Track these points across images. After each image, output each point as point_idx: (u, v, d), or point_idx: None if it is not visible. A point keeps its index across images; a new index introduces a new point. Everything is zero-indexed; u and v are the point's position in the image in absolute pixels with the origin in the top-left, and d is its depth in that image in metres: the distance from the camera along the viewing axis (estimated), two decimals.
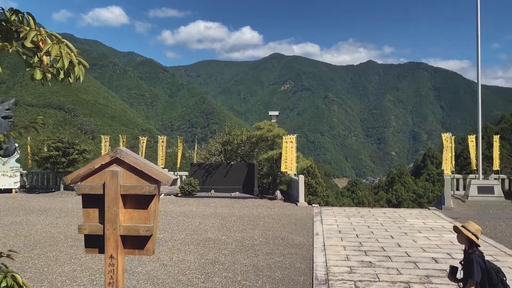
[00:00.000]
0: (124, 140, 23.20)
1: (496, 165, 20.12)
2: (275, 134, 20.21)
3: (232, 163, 20.57)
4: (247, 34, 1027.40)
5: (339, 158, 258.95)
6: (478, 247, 4.41)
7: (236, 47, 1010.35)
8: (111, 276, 3.16)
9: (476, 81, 19.54)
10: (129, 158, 3.21)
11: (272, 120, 21.85)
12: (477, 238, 4.39)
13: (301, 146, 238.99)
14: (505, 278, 4.34)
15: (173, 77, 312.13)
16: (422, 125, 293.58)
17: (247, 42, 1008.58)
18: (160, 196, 18.80)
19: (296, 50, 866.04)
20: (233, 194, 19.20)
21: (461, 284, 4.48)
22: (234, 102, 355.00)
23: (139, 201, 3.23)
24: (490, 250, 9.71)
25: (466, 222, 4.57)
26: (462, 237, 4.47)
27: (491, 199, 17.33)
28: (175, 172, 22.18)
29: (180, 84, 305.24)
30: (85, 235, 3.31)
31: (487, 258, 9.26)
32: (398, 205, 50.12)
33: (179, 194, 19.36)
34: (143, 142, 23.03)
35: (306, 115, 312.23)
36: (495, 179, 18.96)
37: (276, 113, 22.80)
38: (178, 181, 21.66)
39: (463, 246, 10.43)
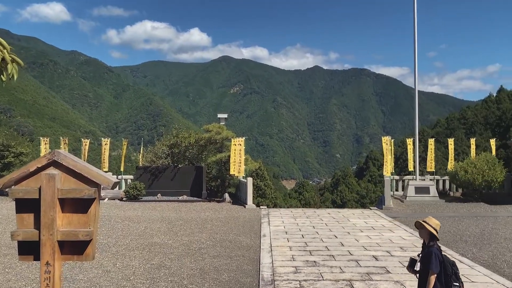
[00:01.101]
0: (66, 142, 22.17)
1: (431, 167, 21.43)
2: (223, 136, 20.21)
3: (179, 166, 20.30)
4: (196, 35, 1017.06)
5: (287, 161, 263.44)
6: (437, 241, 4.64)
7: (184, 48, 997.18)
8: (47, 284, 3.02)
9: (416, 88, 20.69)
10: (67, 161, 3.09)
11: (221, 123, 21.84)
12: (437, 232, 4.64)
13: (250, 149, 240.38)
14: (458, 271, 4.63)
15: (119, 78, 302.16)
16: (365, 129, 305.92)
17: (195, 44, 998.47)
18: (104, 201, 18.14)
19: (245, 53, 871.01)
20: (180, 197, 18.95)
21: (418, 275, 4.71)
22: (182, 104, 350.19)
23: (78, 205, 3.12)
24: None
25: (427, 218, 4.78)
26: (424, 232, 4.67)
27: (427, 199, 18.41)
28: (119, 176, 21.51)
29: (126, 84, 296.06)
30: (19, 242, 3.14)
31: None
32: (342, 205, 51.90)
33: (124, 199, 18.79)
34: (85, 145, 22.13)
35: (256, 118, 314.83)
36: (430, 180, 20.16)
37: (225, 115, 22.82)
38: (123, 184, 21.02)
39: (401, 244, 11.01)
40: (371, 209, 17.22)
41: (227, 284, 7.51)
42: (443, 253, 4.62)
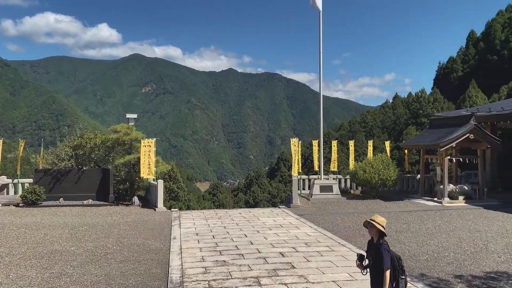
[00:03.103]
0: None
1: (335, 167, 22.92)
2: (132, 137, 19.53)
3: (84, 168, 19.16)
4: (105, 31, 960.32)
5: (202, 162, 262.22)
6: (385, 237, 4.92)
7: (91, 44, 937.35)
8: None
9: (321, 93, 21.96)
10: None
11: (130, 123, 21.08)
12: (384, 228, 4.91)
13: (163, 151, 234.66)
14: (404, 264, 4.96)
15: (16, 73, 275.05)
16: (276, 131, 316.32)
17: (104, 40, 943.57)
18: None
19: (158, 52, 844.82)
20: (85, 201, 17.90)
21: (364, 271, 4.96)
22: (89, 103, 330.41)
23: None
24: (327, 242, 11.02)
25: (374, 216, 5.00)
26: (373, 230, 4.88)
27: (330, 197, 19.65)
28: (15, 180, 19.71)
29: (25, 81, 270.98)
30: None
31: (324, 249, 10.50)
32: (255, 205, 53.06)
33: (20, 204, 17.23)
34: None
35: (169, 119, 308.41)
36: (333, 179, 21.55)
37: (135, 116, 22.09)
38: (19, 188, 19.27)
39: (306, 240, 11.60)
40: (280, 207, 17.91)
41: None
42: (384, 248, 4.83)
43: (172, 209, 17.73)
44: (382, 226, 4.80)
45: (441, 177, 19.39)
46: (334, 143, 23.70)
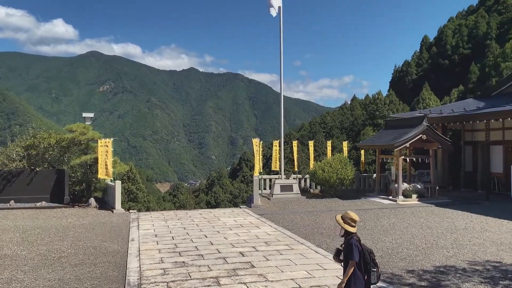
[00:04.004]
0: None
1: (294, 167, 23.27)
2: (89, 137, 18.94)
3: (37, 169, 18.38)
4: (60, 27, 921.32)
5: (162, 163, 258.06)
6: (355, 233, 5.05)
7: (46, 40, 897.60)
8: None
9: (282, 94, 22.22)
10: None
11: (86, 122, 20.44)
12: (351, 225, 5.03)
13: (122, 151, 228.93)
14: (375, 258, 5.12)
15: None
16: (239, 131, 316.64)
17: (59, 36, 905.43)
18: None
19: (117, 49, 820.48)
20: (38, 204, 17.19)
21: (343, 264, 5.12)
22: (43, 102, 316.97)
23: None
24: (287, 240, 11.18)
25: (345, 212, 5.17)
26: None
27: (290, 196, 19.93)
28: None
29: None
30: None
31: (283, 247, 10.64)
32: (216, 206, 52.90)
33: None
34: None
35: (128, 119, 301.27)
36: (294, 178, 21.86)
37: (91, 115, 21.45)
38: None
39: (266, 239, 11.75)
40: (241, 207, 17.96)
41: None
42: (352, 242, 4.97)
43: (130, 211, 17.37)
44: (347, 223, 5.02)
45: (395, 176, 20.15)
46: (295, 144, 24.06)
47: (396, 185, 19.81)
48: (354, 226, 5.07)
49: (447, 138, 21.53)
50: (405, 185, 19.99)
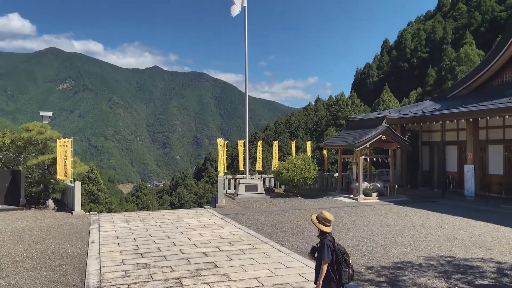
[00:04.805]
0: None
1: (259, 167, 23.40)
2: (47, 137, 18.27)
3: None
4: (16, 21, 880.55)
5: (125, 163, 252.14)
6: (329, 233, 5.08)
7: (1, 35, 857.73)
8: None
9: (246, 94, 22.26)
10: None
11: (44, 122, 19.70)
12: (325, 225, 5.07)
13: (83, 151, 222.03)
14: (349, 258, 5.15)
15: None
16: (204, 131, 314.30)
17: (15, 31, 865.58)
18: None
19: (77, 46, 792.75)
20: None
21: (316, 262, 5.16)
22: None
23: None
24: (251, 240, 11.24)
25: (320, 212, 5.18)
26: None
27: (255, 196, 20.04)
28: None
29: None
30: None
31: (247, 247, 10.69)
32: (181, 206, 52.33)
33: None
34: None
35: (89, 118, 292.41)
36: (258, 178, 21.99)
37: (49, 113, 20.70)
38: None
39: (229, 239, 11.78)
40: (205, 208, 17.87)
41: None
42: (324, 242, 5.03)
43: (91, 212, 16.92)
44: (321, 223, 5.10)
45: (356, 175, 20.68)
46: (259, 143, 24.20)
47: (357, 184, 20.34)
48: (329, 226, 5.14)
49: (406, 139, 22.31)
50: (366, 184, 20.55)
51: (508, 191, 20.11)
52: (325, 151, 26.71)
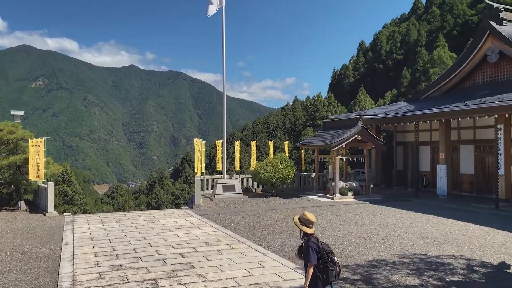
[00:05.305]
0: None
1: (237, 167, 23.40)
2: (18, 136, 17.78)
3: None
4: None
5: (100, 164, 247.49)
6: (313, 234, 5.09)
7: None
8: None
9: (224, 93, 22.22)
10: None
11: (15, 121, 19.17)
12: (308, 227, 5.08)
13: (57, 151, 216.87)
14: (335, 256, 5.15)
15: None
16: (181, 131, 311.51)
17: None
18: None
19: (51, 44, 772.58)
20: None
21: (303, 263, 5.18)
22: None
23: None
24: (228, 240, 11.23)
25: (302, 213, 5.17)
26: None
27: (233, 196, 20.02)
28: None
29: None
30: None
31: (224, 247, 10.67)
32: (157, 207, 51.73)
33: None
34: None
35: (63, 117, 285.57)
36: (236, 178, 21.97)
37: (21, 112, 20.17)
38: None
39: (206, 240, 11.73)
40: (182, 208, 17.75)
41: None
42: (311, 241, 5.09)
43: (65, 214, 16.56)
44: (304, 224, 5.13)
45: (333, 175, 20.94)
46: (237, 143, 24.19)
47: (333, 183, 20.58)
48: (312, 227, 5.16)
49: (380, 139, 22.72)
50: (342, 183, 20.82)
51: (479, 190, 20.75)
52: (302, 151, 26.92)
